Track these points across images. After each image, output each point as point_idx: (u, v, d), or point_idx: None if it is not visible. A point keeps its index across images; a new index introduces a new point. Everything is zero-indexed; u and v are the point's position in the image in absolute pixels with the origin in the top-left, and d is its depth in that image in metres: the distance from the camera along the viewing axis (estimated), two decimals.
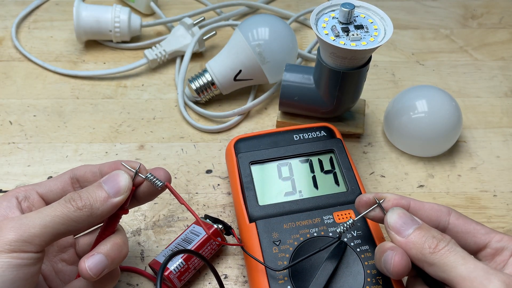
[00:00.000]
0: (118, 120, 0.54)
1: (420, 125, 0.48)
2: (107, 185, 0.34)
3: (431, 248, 0.31)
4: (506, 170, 0.50)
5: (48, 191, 0.36)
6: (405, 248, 0.32)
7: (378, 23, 0.44)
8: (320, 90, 0.48)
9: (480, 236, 0.34)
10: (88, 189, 0.34)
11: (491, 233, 0.34)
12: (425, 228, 0.33)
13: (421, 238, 0.32)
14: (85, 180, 0.37)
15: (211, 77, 0.54)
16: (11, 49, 0.62)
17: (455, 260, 0.30)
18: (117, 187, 0.34)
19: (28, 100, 0.56)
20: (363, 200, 0.36)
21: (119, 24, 0.60)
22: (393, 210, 0.34)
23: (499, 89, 0.58)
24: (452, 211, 0.35)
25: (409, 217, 0.33)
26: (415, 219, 0.33)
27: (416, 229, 0.32)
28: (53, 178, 0.37)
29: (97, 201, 0.33)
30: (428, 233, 0.32)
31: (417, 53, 0.63)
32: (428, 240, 0.32)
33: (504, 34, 0.66)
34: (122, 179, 0.34)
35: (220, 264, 0.43)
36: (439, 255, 0.31)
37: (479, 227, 0.34)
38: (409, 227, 0.33)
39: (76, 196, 0.33)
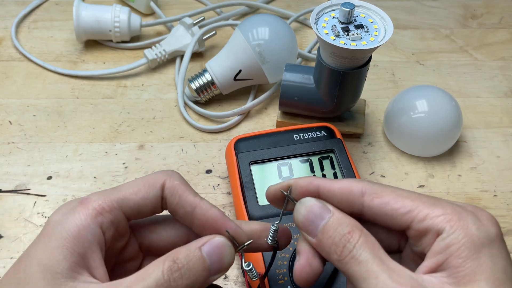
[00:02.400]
0: (118, 120, 0.54)
1: (420, 125, 0.48)
2: (211, 258, 0.27)
3: (337, 254, 0.26)
4: (506, 170, 0.50)
5: (136, 211, 0.29)
6: (318, 250, 0.28)
7: (378, 23, 0.44)
8: (320, 90, 0.48)
9: (399, 218, 0.27)
10: (189, 259, 0.27)
11: (414, 211, 0.27)
12: (334, 223, 0.27)
13: (328, 238, 0.27)
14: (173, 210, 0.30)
15: (211, 77, 0.54)
16: (11, 49, 0.62)
17: (358, 272, 0.25)
18: (221, 264, 0.28)
19: (28, 100, 0.56)
20: (270, 193, 0.31)
21: (119, 24, 0.60)
22: (300, 203, 0.28)
23: (499, 89, 0.58)
24: (367, 189, 0.28)
25: (318, 209, 0.28)
26: (326, 209, 0.28)
27: (325, 226, 0.27)
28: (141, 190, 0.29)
29: (198, 282, 0.27)
30: (335, 232, 0.26)
31: (417, 53, 0.63)
32: (335, 243, 0.26)
33: (504, 34, 0.66)
34: (228, 255, 0.28)
35: None
36: (344, 264, 0.26)
37: (398, 205, 0.27)
38: (318, 223, 0.27)
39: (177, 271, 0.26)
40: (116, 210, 0.28)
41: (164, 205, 0.30)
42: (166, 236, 0.32)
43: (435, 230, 0.26)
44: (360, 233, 0.26)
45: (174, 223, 0.32)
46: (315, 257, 0.28)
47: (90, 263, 0.27)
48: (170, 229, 0.32)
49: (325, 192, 0.29)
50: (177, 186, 0.30)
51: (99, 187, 0.48)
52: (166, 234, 0.32)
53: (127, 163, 0.50)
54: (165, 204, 0.30)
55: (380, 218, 0.28)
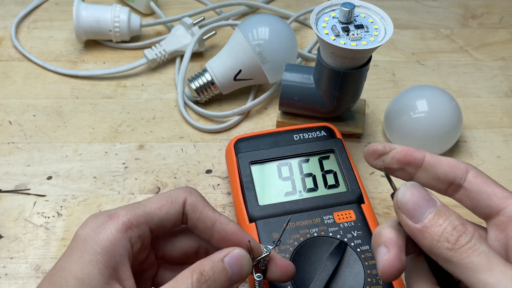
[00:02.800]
0: (118, 120, 0.54)
1: (420, 125, 0.48)
2: (232, 269, 0.30)
3: (449, 243, 0.25)
4: (506, 170, 0.50)
5: (160, 226, 0.31)
6: (416, 237, 0.26)
7: (379, 22, 0.44)
8: (320, 90, 0.48)
9: (495, 199, 0.28)
10: (214, 271, 0.29)
11: (510, 199, 0.28)
12: (444, 214, 0.26)
13: (438, 227, 0.26)
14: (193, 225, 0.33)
15: (211, 77, 0.54)
16: (10, 49, 0.62)
17: (478, 263, 0.24)
18: (240, 274, 0.30)
19: (27, 100, 0.56)
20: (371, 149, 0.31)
21: (119, 24, 0.60)
22: (406, 186, 0.27)
23: (499, 89, 0.58)
24: (471, 168, 0.30)
25: (425, 197, 0.27)
26: (433, 199, 0.27)
27: (433, 214, 0.26)
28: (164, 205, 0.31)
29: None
30: (447, 221, 0.26)
31: (417, 53, 0.63)
32: (446, 232, 0.25)
33: (504, 34, 0.66)
34: (247, 266, 0.30)
35: None
36: (459, 253, 0.25)
37: (498, 190, 0.28)
38: (425, 210, 0.26)
39: (204, 283, 0.28)
40: (143, 225, 0.30)
41: (184, 220, 0.32)
42: (179, 246, 0.34)
43: None
44: (475, 228, 0.26)
45: (186, 234, 0.34)
46: (403, 250, 0.27)
47: (121, 275, 0.28)
48: (184, 239, 0.34)
49: (431, 161, 0.30)
50: (197, 202, 0.32)
51: (99, 187, 0.48)
52: (179, 244, 0.34)
53: (127, 163, 0.50)
54: (185, 219, 0.32)
55: (476, 195, 0.29)
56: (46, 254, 0.43)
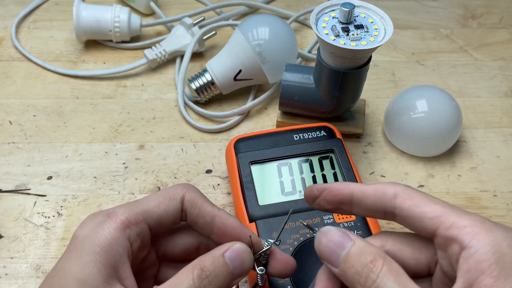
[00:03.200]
0: (118, 120, 0.54)
1: (420, 125, 0.48)
2: (233, 264, 0.29)
3: (361, 285, 0.26)
4: (506, 170, 0.50)
5: (159, 223, 0.31)
6: (341, 280, 0.27)
7: (378, 23, 0.44)
8: (320, 90, 0.48)
9: (427, 221, 0.27)
10: (215, 266, 0.29)
11: (442, 217, 0.26)
12: (356, 253, 0.27)
13: (351, 268, 0.26)
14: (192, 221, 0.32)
15: (211, 77, 0.54)
16: (11, 49, 0.62)
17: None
18: (242, 269, 0.30)
19: (28, 100, 0.56)
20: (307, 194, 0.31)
21: (119, 24, 0.60)
22: (320, 232, 0.28)
23: (499, 89, 0.58)
24: (400, 191, 0.28)
25: (338, 238, 0.28)
26: (347, 238, 0.27)
27: (347, 256, 0.27)
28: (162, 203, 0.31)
29: (223, 286, 0.29)
30: (358, 261, 0.26)
31: (417, 53, 0.63)
32: (357, 273, 0.26)
33: (504, 34, 0.66)
34: (248, 260, 0.30)
35: None
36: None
37: (428, 209, 0.27)
38: (339, 252, 0.27)
39: (205, 279, 0.28)
40: (142, 223, 0.30)
41: (183, 217, 0.32)
42: (180, 243, 0.33)
43: (460, 240, 0.25)
44: (383, 261, 0.26)
45: (187, 231, 0.34)
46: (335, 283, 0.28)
47: (121, 274, 0.28)
48: (184, 236, 0.34)
49: (359, 194, 0.29)
50: (196, 198, 0.32)
51: (99, 187, 0.48)
52: (180, 241, 0.33)
53: (127, 163, 0.50)
54: (184, 216, 0.32)
55: (409, 220, 0.28)
56: (46, 254, 0.43)
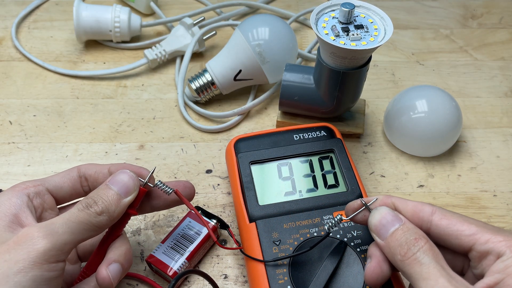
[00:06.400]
0: (118, 120, 0.54)
1: (420, 125, 0.48)
2: (115, 186, 0.34)
3: (401, 255, 0.30)
4: (506, 170, 0.50)
5: (58, 188, 0.36)
6: (383, 252, 0.31)
7: (378, 23, 0.44)
8: (320, 90, 0.48)
9: (463, 238, 0.30)
10: (99, 193, 0.33)
11: (477, 234, 0.30)
12: (403, 230, 0.31)
13: (396, 241, 0.30)
14: (94, 180, 0.37)
15: (211, 77, 0.54)
16: (11, 49, 0.62)
17: (419, 273, 0.28)
18: (126, 186, 0.34)
19: (28, 100, 0.56)
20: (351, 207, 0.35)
21: (119, 24, 0.60)
22: (376, 209, 0.33)
23: (499, 89, 0.58)
24: (437, 210, 0.32)
25: (391, 217, 0.32)
26: (398, 218, 0.32)
27: (394, 231, 0.31)
28: (59, 174, 0.37)
29: (112, 204, 0.33)
30: (403, 236, 0.30)
31: (417, 53, 0.63)
32: (400, 245, 0.30)
33: (504, 34, 0.66)
34: (129, 179, 0.35)
35: (220, 264, 0.43)
36: (406, 264, 0.29)
37: (464, 228, 0.31)
38: (389, 228, 0.31)
39: (91, 201, 0.33)
40: (39, 186, 0.35)
41: (84, 186, 0.37)
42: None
43: (496, 252, 0.29)
44: (426, 241, 0.30)
45: None
46: (385, 261, 0.32)
47: (23, 220, 0.32)
48: None
49: (399, 206, 0.33)
50: (90, 164, 0.38)
51: None
52: None
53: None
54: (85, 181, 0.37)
55: (446, 237, 0.31)
56: None
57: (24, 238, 0.30)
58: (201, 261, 0.43)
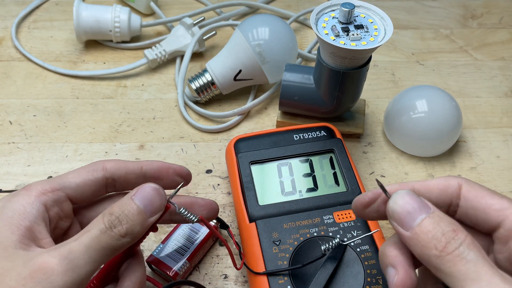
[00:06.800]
0: (118, 120, 0.54)
1: (420, 125, 0.48)
2: (141, 202, 0.30)
3: (437, 250, 0.24)
4: (506, 170, 0.50)
5: (79, 193, 0.32)
6: (408, 245, 0.26)
7: (378, 23, 0.44)
8: (320, 90, 0.48)
9: (492, 213, 0.26)
10: (123, 209, 0.29)
11: (508, 210, 0.26)
12: (435, 219, 0.25)
13: (427, 233, 0.25)
14: (124, 182, 0.34)
15: (211, 77, 0.54)
16: (11, 49, 0.62)
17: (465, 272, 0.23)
18: (152, 204, 0.30)
19: (28, 100, 0.56)
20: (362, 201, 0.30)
21: (119, 24, 0.60)
22: (398, 193, 0.27)
23: (499, 89, 0.58)
24: (463, 182, 0.28)
25: (417, 203, 0.26)
26: (425, 205, 0.26)
27: (423, 220, 0.25)
28: (81, 173, 0.32)
29: (137, 224, 0.29)
30: (437, 227, 0.25)
31: (417, 53, 0.63)
32: (435, 238, 0.24)
33: (504, 34, 0.66)
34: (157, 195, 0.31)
35: (220, 264, 0.43)
36: (446, 261, 0.24)
37: (494, 201, 0.26)
38: (416, 216, 0.26)
39: (115, 220, 0.29)
40: (58, 191, 0.31)
41: (110, 185, 0.33)
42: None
43: None
44: (467, 234, 0.25)
45: (111, 199, 0.35)
46: (411, 266, 0.27)
47: (37, 235, 0.29)
48: (108, 206, 0.33)
49: (421, 189, 0.28)
50: (117, 161, 0.34)
51: None
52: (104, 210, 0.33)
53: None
54: (112, 182, 0.33)
55: (471, 212, 0.27)
56: None
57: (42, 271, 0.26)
58: (201, 261, 0.43)
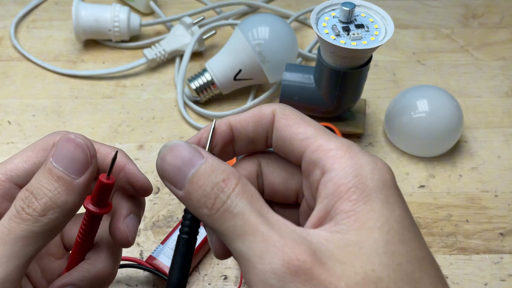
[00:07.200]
0: (117, 120, 0.54)
1: (421, 125, 0.48)
2: (61, 164, 0.24)
3: (207, 208, 0.21)
4: (507, 170, 0.50)
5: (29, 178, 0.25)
6: (186, 205, 0.22)
7: (379, 22, 0.44)
8: (320, 89, 0.48)
9: (296, 143, 0.23)
10: (39, 180, 0.24)
11: (310, 139, 0.23)
12: (205, 172, 0.21)
13: (199, 189, 0.21)
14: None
15: (211, 76, 0.53)
16: (10, 49, 0.62)
17: (233, 229, 0.20)
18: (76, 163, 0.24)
19: (27, 100, 0.56)
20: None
21: (119, 24, 0.59)
22: (165, 146, 0.23)
23: (500, 89, 0.58)
24: (277, 109, 0.25)
25: (187, 155, 0.22)
26: (197, 156, 0.22)
27: (194, 174, 0.22)
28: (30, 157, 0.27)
29: (61, 193, 0.23)
30: (207, 180, 0.21)
31: (417, 52, 0.63)
32: (205, 194, 0.21)
33: (505, 33, 0.66)
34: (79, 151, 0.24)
35: (219, 264, 0.43)
36: (216, 220, 0.21)
37: (299, 130, 0.23)
38: (188, 171, 0.22)
39: (29, 197, 0.23)
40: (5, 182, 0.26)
41: None
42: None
43: (322, 164, 0.22)
44: (237, 181, 0.21)
45: None
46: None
47: None
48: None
49: (237, 125, 0.25)
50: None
51: None
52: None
53: None
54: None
55: (283, 143, 0.24)
56: None
57: None
58: (201, 261, 0.43)
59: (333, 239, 0.20)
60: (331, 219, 0.21)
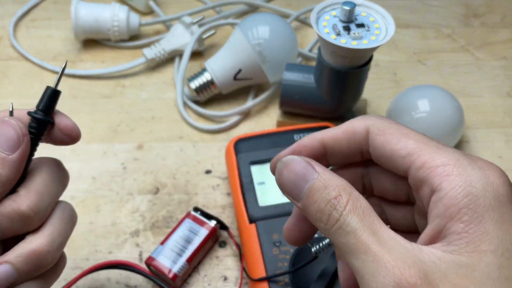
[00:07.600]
0: (116, 120, 0.54)
1: (422, 125, 0.48)
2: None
3: (323, 222, 0.22)
4: (508, 171, 0.49)
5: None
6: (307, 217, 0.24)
7: (380, 21, 0.43)
8: (321, 89, 0.47)
9: (399, 160, 0.23)
10: None
11: (413, 155, 0.22)
12: (318, 187, 0.22)
13: (314, 204, 0.22)
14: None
15: (211, 76, 0.53)
16: (8, 48, 0.62)
17: (346, 246, 0.21)
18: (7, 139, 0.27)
19: (26, 99, 0.56)
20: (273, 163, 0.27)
21: (118, 23, 0.59)
22: (281, 162, 0.24)
23: (501, 89, 0.58)
24: (371, 125, 0.24)
25: (301, 171, 0.23)
26: (310, 171, 0.23)
27: (309, 188, 0.23)
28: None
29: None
30: (322, 195, 0.22)
31: (418, 52, 0.63)
32: (320, 210, 0.22)
33: (506, 33, 0.65)
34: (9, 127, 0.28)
35: (219, 265, 0.42)
36: (331, 234, 0.22)
37: (399, 146, 0.23)
38: (303, 185, 0.23)
39: None
40: None
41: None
42: None
43: (431, 183, 0.21)
44: (348, 198, 0.22)
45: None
46: (305, 221, 0.26)
47: None
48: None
49: (330, 142, 0.26)
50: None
51: (98, 187, 0.48)
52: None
53: (126, 163, 0.50)
54: None
55: (383, 160, 0.24)
56: None
57: None
58: (201, 262, 0.43)
59: (446, 258, 0.20)
60: (443, 237, 0.21)
